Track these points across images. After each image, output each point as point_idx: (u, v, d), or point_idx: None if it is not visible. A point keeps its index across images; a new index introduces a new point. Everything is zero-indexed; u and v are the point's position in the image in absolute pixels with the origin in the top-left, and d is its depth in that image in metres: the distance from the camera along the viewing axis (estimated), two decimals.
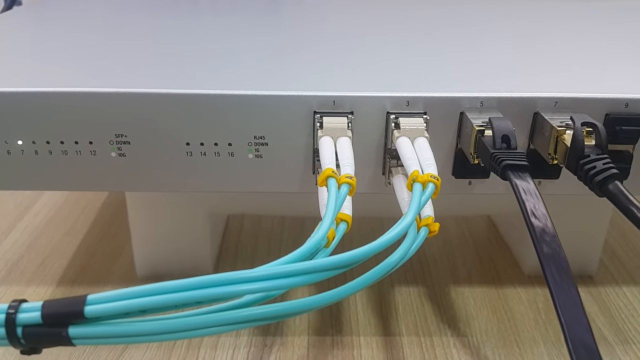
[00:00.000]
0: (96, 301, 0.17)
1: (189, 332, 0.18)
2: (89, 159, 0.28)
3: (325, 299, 0.18)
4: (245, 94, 0.27)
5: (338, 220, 0.23)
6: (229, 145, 0.28)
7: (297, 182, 0.29)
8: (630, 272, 0.42)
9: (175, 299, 0.17)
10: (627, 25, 0.45)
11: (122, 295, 0.17)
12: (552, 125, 0.26)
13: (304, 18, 0.46)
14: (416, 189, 0.22)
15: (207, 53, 0.34)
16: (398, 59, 0.34)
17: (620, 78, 0.31)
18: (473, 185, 0.30)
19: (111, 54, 0.34)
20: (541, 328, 0.36)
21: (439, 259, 0.43)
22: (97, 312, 0.17)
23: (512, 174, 0.23)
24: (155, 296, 0.17)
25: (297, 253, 0.19)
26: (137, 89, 0.27)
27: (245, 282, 0.18)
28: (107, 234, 0.46)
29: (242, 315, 0.18)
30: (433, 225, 0.23)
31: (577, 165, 0.24)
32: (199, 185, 0.29)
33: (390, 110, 0.27)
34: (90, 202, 0.50)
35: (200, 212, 0.39)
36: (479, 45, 0.38)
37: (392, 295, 0.39)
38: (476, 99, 0.27)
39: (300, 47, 0.37)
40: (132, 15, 0.46)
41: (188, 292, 0.17)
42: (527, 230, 0.21)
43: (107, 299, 0.17)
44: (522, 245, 0.42)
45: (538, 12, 0.49)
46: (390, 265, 0.21)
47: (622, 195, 0.22)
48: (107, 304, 0.17)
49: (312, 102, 0.27)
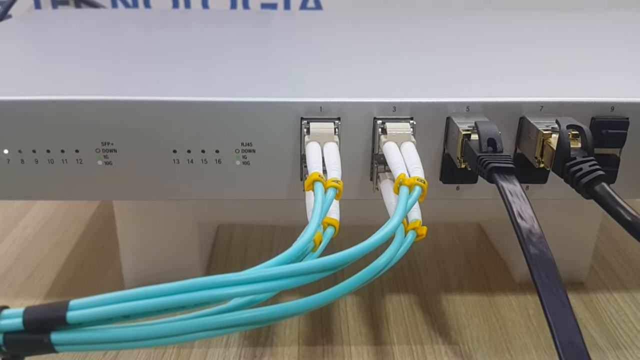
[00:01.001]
0: (78, 306, 0.17)
1: (173, 338, 0.18)
2: (75, 167, 0.28)
3: (314, 301, 0.18)
4: (232, 100, 0.27)
5: (325, 224, 0.23)
6: (216, 152, 0.28)
7: (285, 189, 0.29)
8: (621, 278, 0.42)
9: (159, 304, 0.17)
10: (610, 33, 0.46)
11: (105, 300, 0.17)
12: (538, 129, 0.26)
13: (291, 27, 0.47)
14: (402, 192, 0.22)
15: (194, 61, 0.34)
16: (385, 65, 0.34)
17: (605, 82, 0.31)
18: (461, 191, 0.30)
19: (98, 63, 0.34)
20: (532, 335, 0.36)
21: (430, 267, 0.43)
22: (79, 317, 0.17)
23: (499, 176, 0.23)
24: (138, 301, 0.17)
25: (284, 256, 0.19)
26: (123, 97, 0.27)
27: (231, 286, 0.17)
28: (96, 246, 0.45)
29: (229, 319, 0.18)
30: (420, 229, 0.23)
31: (563, 168, 0.24)
32: (187, 193, 0.29)
33: (377, 116, 0.27)
34: (79, 214, 0.50)
35: (189, 222, 0.39)
36: (465, 52, 0.38)
37: (383, 304, 0.39)
38: (462, 104, 0.28)
39: (287, 54, 0.37)
40: (120, 27, 0.46)
41: (172, 296, 0.17)
42: (514, 232, 0.21)
43: (90, 304, 0.17)
44: (512, 252, 0.42)
45: (523, 22, 0.50)
46: (378, 268, 0.20)
47: (609, 197, 0.22)
48: (90, 310, 0.17)
49: (299, 108, 0.27)
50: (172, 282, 0.17)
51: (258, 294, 0.18)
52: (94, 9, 0.58)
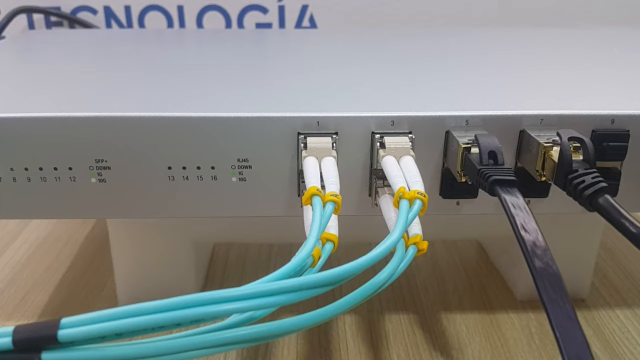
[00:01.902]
0: (70, 325, 0.17)
1: (168, 357, 0.17)
2: (68, 185, 0.28)
3: (313, 318, 0.18)
4: (227, 116, 0.27)
5: (324, 240, 0.22)
6: (212, 168, 0.28)
7: (282, 206, 0.29)
8: (622, 295, 0.41)
9: (154, 321, 0.16)
10: (607, 48, 0.46)
11: (97, 318, 0.17)
12: (538, 142, 0.26)
13: (287, 44, 0.47)
14: (403, 206, 0.22)
15: (188, 77, 0.34)
16: (382, 80, 0.34)
17: (604, 95, 0.31)
18: (461, 206, 0.29)
19: (91, 80, 0.34)
20: (535, 353, 0.35)
21: (429, 285, 0.42)
22: (71, 336, 0.16)
23: (500, 189, 0.22)
24: (132, 318, 0.16)
25: (282, 271, 0.19)
26: (117, 113, 0.26)
27: (228, 302, 0.17)
28: (90, 268, 0.45)
29: (226, 337, 0.17)
30: (421, 243, 0.23)
31: (565, 181, 0.24)
32: (182, 211, 0.28)
33: (375, 130, 0.27)
34: (72, 236, 0.49)
35: (185, 242, 0.38)
36: (463, 67, 0.38)
37: (382, 323, 0.38)
38: (461, 117, 0.27)
39: (283, 70, 0.37)
40: (115, 45, 0.46)
41: (167, 313, 0.16)
42: (518, 244, 0.20)
43: (81, 322, 0.17)
44: (513, 270, 0.42)
45: (521, 38, 0.50)
46: (379, 284, 0.20)
47: (613, 209, 0.22)
48: (82, 328, 0.16)
49: (296, 123, 0.27)
50: (167, 299, 0.17)
51: (256, 309, 0.17)
52: (88, 30, 0.58)
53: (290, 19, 0.61)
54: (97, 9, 0.61)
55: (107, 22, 0.61)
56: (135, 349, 0.17)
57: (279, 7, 0.60)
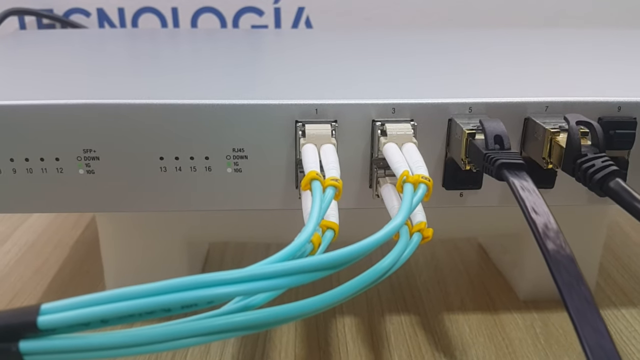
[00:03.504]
0: (51, 310, 0.15)
1: (157, 345, 0.16)
2: (55, 177, 0.26)
3: (313, 304, 0.16)
4: (222, 103, 0.26)
5: (324, 227, 0.21)
6: (206, 159, 0.26)
7: (280, 198, 0.28)
8: (628, 295, 0.40)
9: (142, 306, 0.15)
10: (611, 41, 0.45)
11: (80, 302, 0.15)
12: (545, 128, 0.25)
13: (284, 38, 0.46)
14: (407, 190, 0.21)
15: (182, 66, 0.33)
16: (382, 68, 0.33)
17: (610, 83, 0.30)
18: (465, 197, 0.28)
19: (80, 70, 0.33)
20: (541, 353, 0.34)
21: (431, 286, 0.41)
22: (52, 323, 0.15)
23: (509, 172, 0.21)
24: (118, 303, 0.15)
25: (279, 256, 0.17)
26: (105, 100, 0.25)
27: (222, 285, 0.16)
28: (80, 271, 0.43)
29: (219, 324, 0.16)
30: (426, 230, 0.21)
31: (574, 166, 0.23)
32: (175, 204, 0.27)
33: (376, 118, 0.26)
34: (62, 239, 0.48)
35: (178, 242, 0.37)
36: (465, 60, 0.37)
37: (383, 325, 0.37)
38: (464, 104, 0.26)
39: (281, 61, 0.36)
40: (107, 42, 0.45)
41: (156, 297, 0.15)
42: (529, 228, 0.19)
43: (64, 307, 0.15)
44: (515, 269, 0.41)
45: (525, 36, 0.49)
46: (382, 270, 0.19)
47: (625, 192, 0.21)
48: (64, 314, 0.15)
49: (293, 110, 0.26)
50: (157, 282, 0.16)
51: (252, 293, 0.16)
52: (79, 29, 0.57)
53: (286, 21, 0.60)
54: (90, 11, 0.60)
55: (100, 24, 0.60)
56: (121, 337, 0.15)
57: (275, 9, 0.60)
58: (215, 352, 0.34)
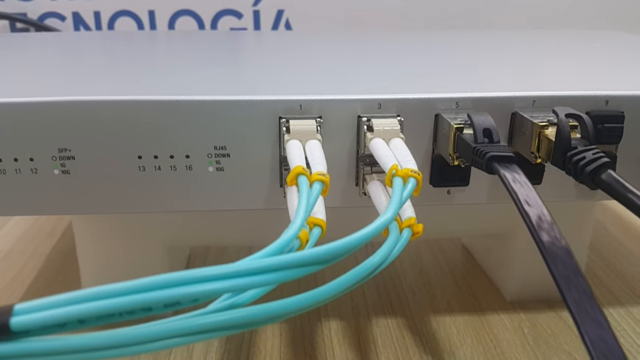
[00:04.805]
0: (25, 311, 0.14)
1: (139, 347, 0.15)
2: (29, 178, 0.25)
3: (303, 301, 0.16)
4: (203, 99, 0.25)
5: (311, 224, 0.20)
6: (187, 157, 0.26)
7: (264, 197, 0.27)
8: (615, 294, 0.40)
9: (121, 305, 0.14)
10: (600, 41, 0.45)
11: (56, 302, 0.14)
12: (533, 122, 0.25)
13: (267, 40, 0.45)
14: (396, 183, 0.20)
15: (162, 64, 0.32)
16: (367, 65, 0.32)
17: (597, 78, 0.30)
18: (452, 195, 0.28)
19: (55, 69, 0.32)
20: (530, 354, 0.34)
21: (417, 289, 0.41)
22: (26, 324, 0.14)
23: (499, 165, 0.21)
24: (96, 302, 0.14)
25: (265, 252, 0.17)
26: (80, 97, 0.24)
27: (207, 281, 0.15)
28: (56, 280, 0.42)
29: (204, 322, 0.15)
30: (416, 226, 0.21)
31: (564, 159, 0.23)
32: (154, 205, 0.26)
33: (362, 114, 0.26)
34: (38, 248, 0.47)
35: (158, 246, 0.36)
36: (452, 53, 0.37)
37: (370, 328, 0.36)
38: (451, 99, 0.26)
39: (263, 58, 0.35)
40: (82, 42, 0.44)
41: (136, 295, 0.14)
42: (523, 221, 0.19)
43: (39, 307, 0.14)
44: (501, 270, 0.40)
45: (511, 37, 0.49)
46: (372, 267, 0.18)
47: (617, 184, 0.21)
48: (39, 314, 0.14)
49: (277, 106, 0.25)
50: (138, 279, 0.15)
51: (241, 290, 0.15)
52: (54, 32, 0.56)
53: (266, 24, 0.60)
54: (65, 15, 0.59)
55: (76, 28, 0.59)
56: (99, 338, 0.14)
57: (254, 11, 0.59)
58: (199, 357, 0.33)
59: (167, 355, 0.33)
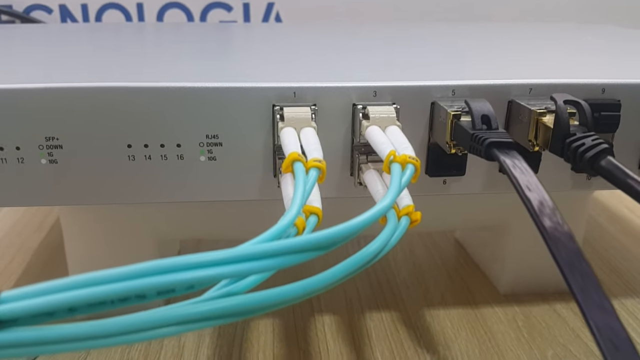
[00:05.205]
0: (12, 298, 0.14)
1: (132, 335, 0.14)
2: (15, 168, 0.25)
3: (303, 287, 0.15)
4: (194, 86, 0.24)
5: (307, 213, 0.20)
6: (178, 146, 0.25)
7: (257, 188, 0.26)
8: (609, 288, 0.40)
9: (113, 291, 0.14)
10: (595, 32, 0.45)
11: (45, 289, 0.14)
12: (530, 110, 0.24)
13: (258, 31, 0.44)
14: (395, 170, 0.20)
15: (152, 52, 0.32)
16: (363, 55, 0.32)
17: (594, 67, 0.30)
18: (448, 185, 0.27)
19: (42, 57, 0.31)
20: (524, 346, 0.33)
21: (410, 283, 0.40)
22: (13, 312, 0.14)
23: (499, 151, 0.21)
24: (87, 288, 0.14)
25: (262, 238, 0.16)
26: (68, 84, 0.24)
27: (204, 267, 0.14)
28: (44, 275, 0.41)
29: (198, 311, 0.15)
30: (414, 214, 0.20)
31: (563, 146, 0.22)
32: (144, 196, 0.26)
33: (356, 102, 0.25)
34: (25, 243, 0.46)
35: (148, 240, 0.35)
36: (448, 41, 0.36)
37: (364, 323, 0.35)
38: (447, 87, 0.26)
39: (255, 46, 0.35)
40: (70, 32, 0.43)
41: (129, 281, 0.14)
42: (525, 206, 0.18)
43: (26, 294, 0.14)
44: (494, 263, 0.40)
45: (507, 25, 0.49)
46: (370, 255, 0.18)
47: (617, 170, 0.20)
48: (27, 302, 0.14)
49: (270, 94, 0.25)
50: (130, 265, 0.14)
51: (240, 275, 0.15)
52: (41, 24, 0.55)
53: (256, 17, 0.59)
54: (52, 8, 0.58)
55: (63, 21, 0.58)
56: (91, 327, 0.14)
57: (244, 4, 0.58)
58: (190, 353, 0.32)
59: (158, 350, 0.32)
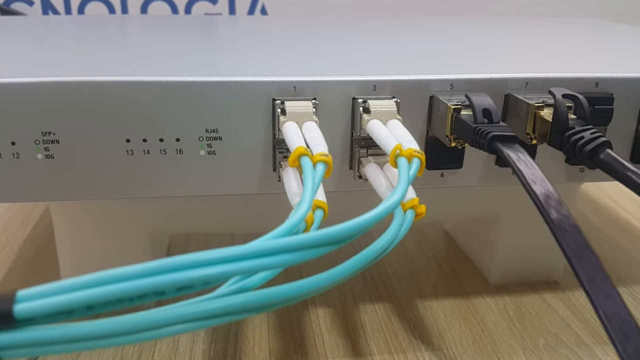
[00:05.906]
0: (29, 297, 0.14)
1: (150, 332, 0.14)
2: (11, 163, 0.24)
3: (317, 282, 0.15)
4: (194, 80, 0.24)
5: (314, 207, 0.20)
6: (177, 140, 0.25)
7: (257, 182, 0.26)
8: None
9: (132, 288, 0.14)
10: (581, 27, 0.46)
11: (62, 288, 0.14)
12: (528, 103, 0.25)
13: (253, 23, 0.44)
14: (402, 163, 0.20)
15: (147, 46, 0.31)
16: (362, 50, 0.32)
17: (588, 60, 0.30)
18: (445, 177, 0.28)
19: (33, 51, 0.30)
20: (517, 336, 0.34)
21: (402, 275, 0.41)
22: (31, 311, 0.13)
23: (502, 144, 0.21)
24: (105, 286, 0.14)
25: (274, 234, 0.16)
26: (65, 78, 0.23)
27: (219, 264, 0.14)
28: (32, 271, 0.40)
29: (213, 307, 0.15)
30: (419, 207, 0.21)
31: (562, 139, 0.23)
32: (143, 190, 0.25)
33: (356, 96, 0.25)
34: (10, 239, 0.45)
35: (139, 234, 0.35)
36: (446, 36, 0.37)
37: (358, 315, 0.36)
38: (446, 81, 0.26)
39: (252, 39, 0.34)
40: (55, 24, 0.42)
41: (148, 278, 0.14)
42: (530, 199, 0.19)
43: (43, 293, 0.14)
44: (485, 255, 0.41)
45: (505, 20, 0.49)
46: (380, 249, 0.18)
47: (617, 163, 0.21)
48: (44, 300, 0.14)
49: (270, 88, 0.24)
50: (148, 262, 0.14)
51: (254, 271, 0.15)
52: (22, 16, 0.54)
53: (241, 10, 0.59)
54: (33, 0, 0.57)
55: (44, 13, 0.57)
56: (109, 325, 0.14)
57: None
58: (185, 349, 0.32)
59: (153, 345, 0.32)
